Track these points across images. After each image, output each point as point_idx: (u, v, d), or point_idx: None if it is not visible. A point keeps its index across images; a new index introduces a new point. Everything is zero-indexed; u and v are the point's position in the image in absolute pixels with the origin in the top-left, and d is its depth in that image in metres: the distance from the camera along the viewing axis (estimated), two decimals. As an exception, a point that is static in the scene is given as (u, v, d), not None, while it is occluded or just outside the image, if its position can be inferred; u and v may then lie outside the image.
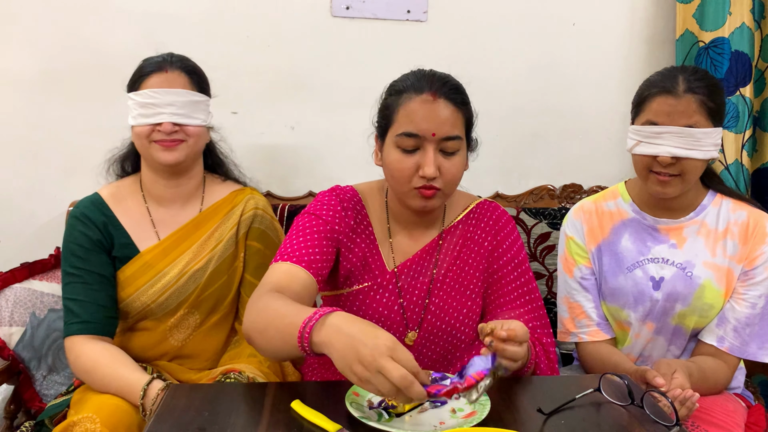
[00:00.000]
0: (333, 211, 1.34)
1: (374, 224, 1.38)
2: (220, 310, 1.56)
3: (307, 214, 1.34)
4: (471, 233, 1.39)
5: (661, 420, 1.03)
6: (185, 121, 1.46)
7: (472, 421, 1.00)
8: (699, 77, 1.39)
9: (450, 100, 1.25)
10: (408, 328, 1.35)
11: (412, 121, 1.23)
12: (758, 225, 1.47)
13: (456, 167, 1.26)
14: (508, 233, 1.39)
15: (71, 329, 1.43)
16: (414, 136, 1.23)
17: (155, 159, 1.47)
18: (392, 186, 1.31)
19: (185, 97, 1.47)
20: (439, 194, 1.27)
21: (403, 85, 1.28)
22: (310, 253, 1.26)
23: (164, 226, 1.54)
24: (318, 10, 1.99)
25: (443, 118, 1.23)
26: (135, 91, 1.47)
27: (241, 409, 1.05)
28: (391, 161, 1.27)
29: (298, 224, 1.33)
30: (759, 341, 1.47)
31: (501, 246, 1.38)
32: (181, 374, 1.52)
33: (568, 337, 1.57)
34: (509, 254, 1.38)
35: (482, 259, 1.38)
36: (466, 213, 1.40)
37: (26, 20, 1.90)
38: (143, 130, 1.46)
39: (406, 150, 1.24)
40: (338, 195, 1.37)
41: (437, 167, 1.23)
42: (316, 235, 1.29)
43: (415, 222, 1.37)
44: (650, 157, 1.41)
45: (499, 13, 2.05)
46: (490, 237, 1.38)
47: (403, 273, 1.36)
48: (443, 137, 1.23)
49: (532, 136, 2.14)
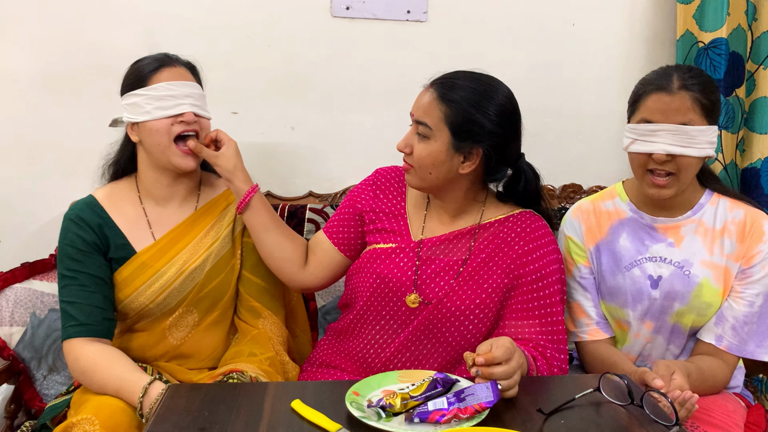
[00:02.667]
0: (359, 191, 1.57)
1: (410, 199, 1.54)
2: (218, 307, 1.56)
3: (349, 193, 1.60)
4: (505, 234, 1.44)
5: (660, 420, 1.03)
6: (202, 113, 1.50)
7: (473, 421, 1.00)
8: (693, 75, 1.40)
9: (435, 91, 1.38)
10: (415, 289, 1.42)
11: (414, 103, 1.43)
12: (755, 223, 1.48)
13: (424, 151, 1.38)
14: (541, 245, 1.42)
15: (69, 332, 1.42)
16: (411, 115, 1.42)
17: (173, 163, 1.47)
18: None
19: (198, 90, 1.51)
20: (412, 171, 1.42)
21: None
22: (335, 225, 1.57)
23: (160, 225, 1.54)
24: (318, 10, 1.99)
25: (422, 102, 1.39)
26: (143, 87, 1.46)
27: (241, 409, 1.05)
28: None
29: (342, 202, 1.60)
30: (757, 339, 1.47)
31: (530, 254, 1.41)
32: (181, 374, 1.52)
33: (568, 337, 1.57)
34: (536, 264, 1.40)
35: (510, 261, 1.41)
36: (506, 216, 1.47)
37: (26, 20, 1.90)
38: (162, 124, 1.45)
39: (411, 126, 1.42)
40: (376, 176, 1.59)
41: (408, 145, 1.40)
42: (342, 214, 1.57)
43: (444, 208, 1.49)
44: (645, 155, 1.41)
45: (499, 14, 2.05)
46: (522, 243, 1.42)
47: (426, 246, 1.46)
48: (416, 119, 1.39)
49: (532, 136, 2.12)
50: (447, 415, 1.00)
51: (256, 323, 1.57)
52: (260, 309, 1.58)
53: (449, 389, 1.11)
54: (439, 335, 1.40)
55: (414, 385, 1.11)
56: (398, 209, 1.52)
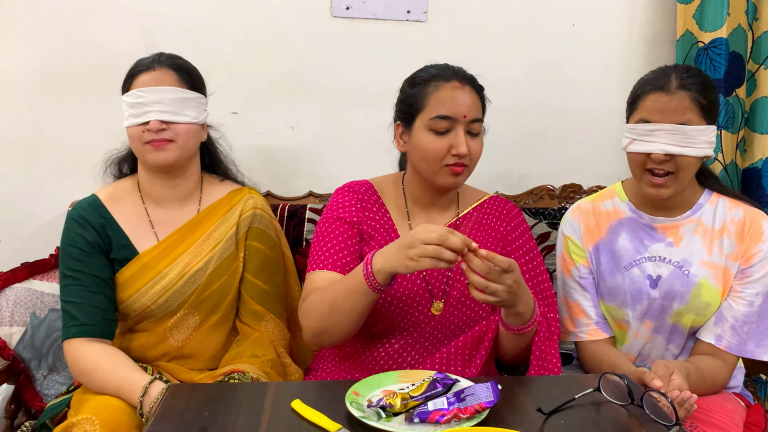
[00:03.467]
0: (351, 208, 1.47)
1: (391, 211, 1.50)
2: (220, 310, 1.56)
3: (328, 221, 1.46)
4: (486, 220, 1.51)
5: (660, 420, 1.03)
6: (172, 119, 1.45)
7: (473, 421, 1.00)
8: (692, 74, 1.40)
9: (473, 87, 1.42)
10: (433, 297, 1.42)
11: (444, 105, 1.37)
12: (754, 223, 1.48)
13: (479, 147, 1.42)
14: (518, 224, 1.51)
15: (70, 332, 1.42)
16: (447, 118, 1.37)
17: (147, 161, 1.48)
18: (421, 167, 1.42)
19: (172, 95, 1.46)
20: (465, 171, 1.41)
21: (428, 75, 1.43)
22: (341, 257, 1.40)
23: (163, 226, 1.54)
24: (318, 10, 1.99)
25: (470, 102, 1.39)
26: (125, 93, 1.48)
27: (241, 409, 1.05)
28: (423, 143, 1.39)
29: (323, 230, 1.45)
30: (757, 339, 1.47)
31: (513, 233, 1.50)
32: (181, 374, 1.51)
33: (567, 337, 1.58)
34: (519, 241, 1.49)
35: (497, 244, 1.48)
36: (480, 203, 1.51)
37: (26, 20, 1.90)
38: (135, 132, 1.46)
39: (439, 132, 1.37)
40: (352, 190, 1.51)
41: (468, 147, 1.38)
42: (342, 237, 1.42)
43: (432, 203, 1.49)
44: (644, 154, 1.41)
45: (499, 13, 2.05)
46: (504, 225, 1.50)
47: None
48: (472, 119, 1.38)
49: (532, 136, 2.14)
50: (447, 415, 1.00)
51: (259, 326, 1.57)
52: (262, 312, 1.58)
53: (449, 389, 1.11)
54: (454, 329, 1.43)
55: (414, 385, 1.11)
56: (385, 221, 1.48)
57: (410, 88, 1.44)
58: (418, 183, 1.47)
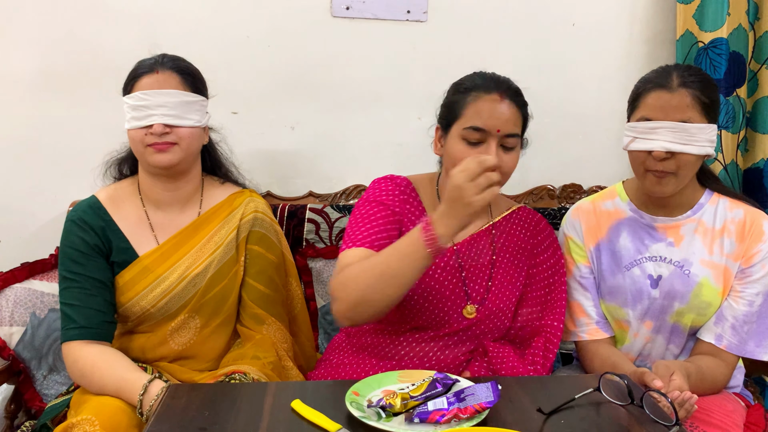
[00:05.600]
0: (393, 196, 1.46)
1: (427, 207, 1.50)
2: (221, 313, 1.55)
3: (369, 202, 1.45)
4: (515, 231, 1.52)
5: (660, 420, 1.03)
6: (177, 122, 1.44)
7: (473, 421, 1.00)
8: (693, 73, 1.41)
9: (514, 102, 1.39)
10: (469, 300, 1.43)
11: (480, 117, 1.36)
12: (755, 223, 1.48)
13: (513, 161, 1.40)
14: (545, 237, 1.53)
15: (68, 334, 1.42)
16: (480, 130, 1.36)
17: (149, 162, 1.47)
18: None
19: (177, 98, 1.45)
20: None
21: (472, 84, 1.42)
22: (378, 238, 1.38)
23: (163, 229, 1.53)
24: (318, 10, 1.99)
25: (507, 116, 1.37)
26: (128, 95, 1.47)
27: (241, 409, 1.05)
28: (455, 151, 1.38)
29: (362, 212, 1.44)
30: (757, 339, 1.47)
31: (539, 246, 1.51)
32: (182, 374, 1.51)
33: (568, 336, 1.58)
34: (545, 255, 1.51)
35: (526, 255, 1.50)
36: (510, 212, 1.53)
37: (26, 20, 1.90)
38: (137, 134, 1.45)
39: (471, 142, 1.37)
40: (395, 182, 1.50)
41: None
42: (381, 220, 1.41)
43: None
44: (645, 152, 1.41)
45: (499, 13, 2.05)
46: (531, 238, 1.52)
47: (462, 251, 1.46)
48: (506, 134, 1.37)
49: (532, 136, 2.13)
50: (447, 415, 1.00)
51: (260, 329, 1.56)
52: (264, 316, 1.57)
53: (449, 389, 1.11)
54: (491, 325, 1.44)
55: (414, 385, 1.11)
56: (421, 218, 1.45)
57: (453, 95, 1.44)
58: None
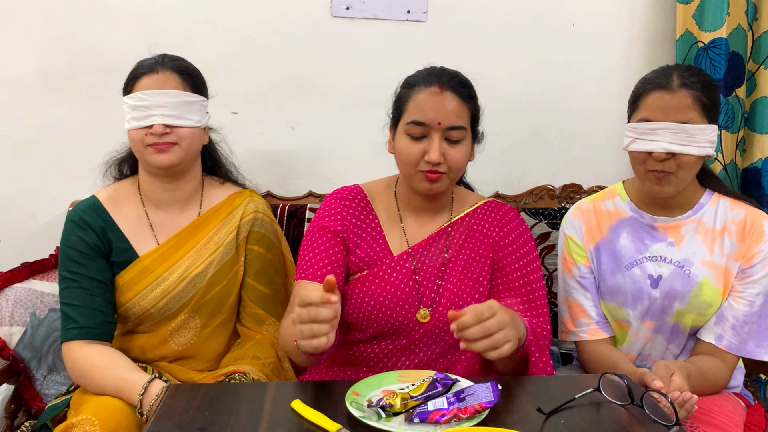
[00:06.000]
0: (337, 216, 1.44)
1: (380, 215, 1.48)
2: (221, 313, 1.56)
3: (312, 230, 1.45)
4: (478, 226, 1.47)
5: (660, 420, 1.03)
6: (177, 123, 1.44)
7: (473, 421, 1.00)
8: (693, 74, 1.41)
9: (456, 93, 1.35)
10: (421, 304, 1.39)
11: (420, 111, 1.35)
12: (755, 223, 1.48)
13: (460, 155, 1.36)
14: (514, 227, 1.46)
15: (68, 335, 1.42)
16: (421, 124, 1.34)
17: (149, 162, 1.47)
18: (401, 170, 1.42)
19: (176, 98, 1.45)
20: (444, 178, 1.36)
21: (415, 79, 1.40)
22: (325, 265, 1.38)
23: (163, 229, 1.53)
24: (318, 10, 1.99)
25: (449, 109, 1.34)
26: (128, 95, 1.47)
27: (241, 409, 1.05)
28: (400, 147, 1.38)
29: (308, 240, 1.44)
30: (757, 339, 1.47)
31: (506, 238, 1.45)
32: (182, 374, 1.51)
33: (568, 336, 1.58)
34: (513, 246, 1.44)
35: (488, 249, 1.44)
36: (474, 209, 1.48)
37: (26, 20, 1.90)
38: (137, 134, 1.45)
39: (414, 137, 1.35)
40: (339, 197, 1.48)
41: (442, 154, 1.33)
42: (324, 246, 1.41)
43: (424, 208, 1.47)
44: (645, 153, 1.41)
45: (499, 13, 2.06)
46: (496, 229, 1.46)
47: (417, 253, 1.43)
48: (448, 126, 1.34)
49: (532, 136, 2.14)
50: (447, 415, 1.00)
51: (260, 329, 1.57)
52: (264, 316, 1.57)
53: (449, 389, 1.11)
54: (446, 337, 1.40)
55: (414, 385, 1.11)
56: (373, 228, 1.46)
57: (400, 91, 1.43)
58: (407, 188, 1.45)
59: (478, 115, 1.43)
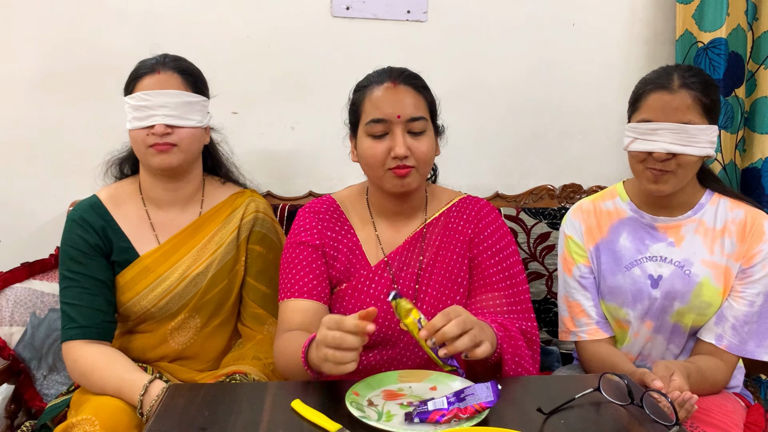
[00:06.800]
0: (313, 230, 1.42)
1: (355, 225, 1.46)
2: (221, 313, 1.56)
3: (291, 246, 1.43)
4: (453, 224, 1.45)
5: (660, 420, 1.03)
6: (178, 123, 1.44)
7: (473, 421, 1.00)
8: (694, 74, 1.41)
9: (410, 85, 1.36)
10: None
11: (377, 108, 1.34)
12: (756, 223, 1.48)
13: (425, 146, 1.35)
14: (489, 222, 1.44)
15: (69, 334, 1.42)
16: (381, 121, 1.33)
17: (150, 164, 1.47)
18: (369, 174, 1.40)
19: (178, 98, 1.45)
20: (414, 172, 1.34)
21: (367, 81, 1.41)
22: (307, 282, 1.37)
23: (164, 229, 1.53)
24: (318, 10, 1.99)
25: (406, 101, 1.34)
26: (129, 95, 1.47)
27: (241, 409, 1.05)
28: (364, 149, 1.36)
29: (289, 257, 1.42)
30: (757, 339, 1.47)
31: (482, 233, 1.43)
32: (182, 374, 1.52)
33: (568, 336, 1.58)
34: (489, 241, 1.42)
35: (464, 247, 1.42)
36: (449, 207, 1.46)
37: (26, 20, 1.90)
38: (138, 134, 1.45)
39: (376, 136, 1.34)
40: (312, 210, 1.46)
41: (408, 147, 1.32)
42: (306, 261, 1.39)
43: (397, 212, 1.44)
44: (645, 153, 1.41)
45: (499, 14, 2.06)
46: (472, 226, 1.44)
47: (394, 260, 1.41)
48: (408, 118, 1.33)
49: (532, 136, 2.14)
50: (447, 415, 1.00)
51: (261, 329, 1.57)
52: (264, 316, 1.57)
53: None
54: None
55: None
56: (349, 238, 1.44)
57: (354, 95, 1.42)
58: (378, 192, 1.42)
59: (436, 108, 1.42)
